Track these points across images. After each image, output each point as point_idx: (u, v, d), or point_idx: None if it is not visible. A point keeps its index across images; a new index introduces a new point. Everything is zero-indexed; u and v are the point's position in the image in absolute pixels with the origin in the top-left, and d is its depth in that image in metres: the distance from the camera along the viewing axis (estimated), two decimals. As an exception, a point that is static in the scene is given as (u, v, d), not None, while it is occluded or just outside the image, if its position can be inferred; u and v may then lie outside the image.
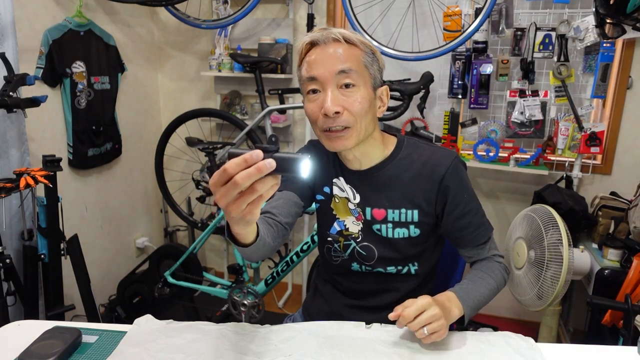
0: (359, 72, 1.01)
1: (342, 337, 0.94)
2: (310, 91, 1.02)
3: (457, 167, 1.09)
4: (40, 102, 1.80)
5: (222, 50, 2.68)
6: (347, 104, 0.99)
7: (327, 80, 0.99)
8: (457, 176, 1.08)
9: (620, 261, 1.96)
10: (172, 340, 0.92)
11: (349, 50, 1.01)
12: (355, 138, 1.02)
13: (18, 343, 0.89)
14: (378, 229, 1.13)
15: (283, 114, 2.64)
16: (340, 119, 0.99)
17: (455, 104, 2.47)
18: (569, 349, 0.95)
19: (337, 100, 0.99)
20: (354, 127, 1.01)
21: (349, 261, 1.19)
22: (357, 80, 1.00)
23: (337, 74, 0.99)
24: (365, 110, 1.01)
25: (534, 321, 2.51)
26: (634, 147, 2.29)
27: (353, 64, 1.00)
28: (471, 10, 2.33)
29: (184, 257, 2.36)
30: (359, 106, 1.00)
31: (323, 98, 1.00)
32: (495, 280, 1.10)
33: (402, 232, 1.12)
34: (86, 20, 2.29)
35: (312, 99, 1.03)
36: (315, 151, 1.20)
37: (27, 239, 1.87)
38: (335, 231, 1.19)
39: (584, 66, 2.24)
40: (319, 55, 1.01)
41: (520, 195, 2.52)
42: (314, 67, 1.01)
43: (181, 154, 2.94)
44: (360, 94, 1.00)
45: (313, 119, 1.04)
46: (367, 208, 1.13)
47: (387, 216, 1.12)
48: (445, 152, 1.10)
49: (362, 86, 1.01)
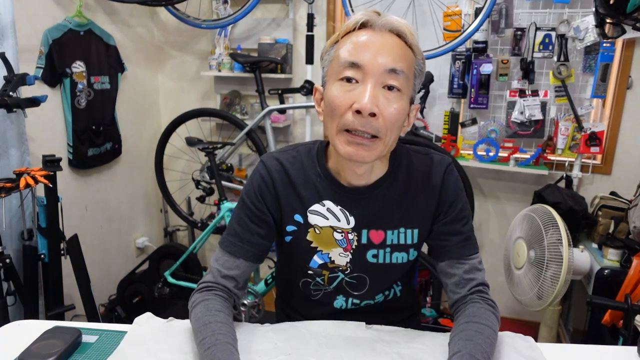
0: (408, 78, 0.86)
1: (342, 336, 0.94)
2: (345, 78, 0.85)
3: (453, 173, 0.99)
4: (40, 102, 1.80)
5: (222, 50, 2.68)
6: (384, 108, 0.83)
7: (372, 72, 0.83)
8: (452, 182, 0.98)
9: (620, 261, 1.96)
10: (172, 339, 0.92)
11: (405, 49, 0.87)
12: (379, 152, 0.87)
13: (18, 343, 0.89)
14: (374, 255, 0.99)
15: (283, 113, 2.64)
16: (372, 123, 0.83)
17: (455, 103, 2.47)
18: (568, 348, 0.95)
19: (376, 99, 0.83)
20: (383, 138, 0.85)
21: (333, 294, 1.03)
22: (403, 85, 0.85)
23: (387, 70, 0.83)
24: (399, 123, 0.87)
25: (534, 321, 2.51)
26: (634, 147, 2.29)
27: (406, 66, 0.85)
28: (471, 10, 2.33)
29: (184, 257, 2.36)
30: (396, 116, 0.85)
31: (360, 92, 0.83)
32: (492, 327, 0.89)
33: (400, 256, 1.00)
34: (86, 20, 2.29)
35: (345, 87, 0.85)
36: (299, 162, 0.98)
37: (27, 239, 1.86)
38: (317, 265, 1.00)
39: (583, 66, 2.24)
40: (372, 39, 0.84)
41: (520, 195, 2.52)
42: (362, 51, 0.83)
43: (181, 154, 2.94)
44: (400, 103, 0.85)
45: (338, 111, 0.85)
46: (364, 230, 0.97)
47: (385, 239, 0.98)
48: (440, 158, 1.00)
49: (405, 95, 0.87)
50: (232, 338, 0.85)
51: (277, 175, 0.97)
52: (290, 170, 0.97)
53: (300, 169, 0.98)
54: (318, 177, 0.97)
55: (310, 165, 0.98)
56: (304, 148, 1.01)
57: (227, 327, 0.87)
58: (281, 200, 0.97)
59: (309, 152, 1.00)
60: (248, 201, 0.98)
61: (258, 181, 0.98)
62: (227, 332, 0.85)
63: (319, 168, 0.97)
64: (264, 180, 0.97)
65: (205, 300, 0.92)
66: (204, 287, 0.96)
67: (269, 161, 0.98)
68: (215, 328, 0.85)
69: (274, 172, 0.97)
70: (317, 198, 0.97)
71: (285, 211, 0.98)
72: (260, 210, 0.97)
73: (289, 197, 0.97)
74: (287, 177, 0.97)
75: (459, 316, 0.93)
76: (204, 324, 0.86)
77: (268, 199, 0.97)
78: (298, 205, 0.98)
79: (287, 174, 0.97)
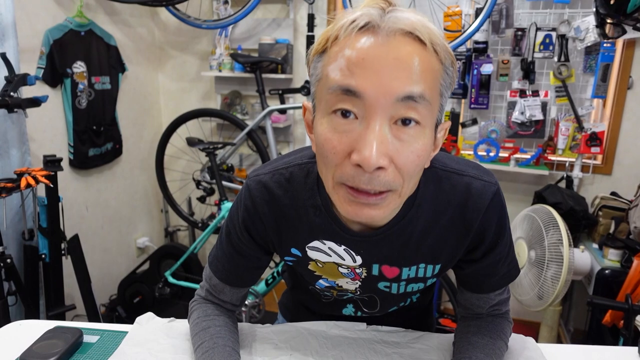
0: (432, 102, 0.60)
1: (342, 337, 0.94)
2: (339, 111, 0.59)
3: (497, 207, 0.75)
4: (41, 102, 1.80)
5: (222, 51, 2.68)
6: (398, 154, 0.59)
7: (379, 105, 0.57)
8: (496, 216, 0.75)
9: (621, 261, 1.96)
10: (174, 340, 0.92)
11: (427, 59, 0.59)
12: (396, 206, 0.65)
13: (19, 343, 0.89)
14: (386, 286, 0.83)
15: (283, 114, 2.64)
16: (380, 177, 0.59)
17: (456, 104, 2.47)
18: (569, 349, 0.95)
19: (385, 145, 0.58)
20: (398, 191, 0.62)
21: (344, 302, 0.93)
22: (424, 115, 0.59)
23: (400, 99, 0.57)
24: (420, 168, 0.63)
25: (534, 321, 2.51)
26: (635, 147, 2.29)
27: (428, 85, 0.58)
28: (471, 10, 2.33)
29: (185, 257, 2.37)
30: (416, 162, 0.60)
31: (361, 135, 0.58)
32: (505, 341, 0.83)
33: (417, 286, 0.84)
34: (87, 21, 2.29)
35: (339, 125, 0.59)
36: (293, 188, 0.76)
37: (28, 239, 1.87)
38: (324, 286, 0.87)
39: (584, 66, 2.24)
40: (375, 52, 0.57)
41: (521, 195, 2.52)
42: (360, 71, 0.57)
43: (182, 154, 2.94)
44: (422, 142, 0.60)
45: (330, 161, 0.61)
46: (375, 265, 0.79)
47: (401, 274, 0.80)
48: (484, 186, 0.74)
49: (428, 127, 0.61)
50: (233, 341, 0.83)
51: (265, 208, 0.77)
52: (282, 200, 0.77)
53: (293, 199, 0.76)
54: (317, 210, 0.75)
55: (306, 195, 0.76)
56: (299, 170, 0.76)
57: (227, 330, 0.84)
58: (271, 235, 0.80)
59: (306, 177, 0.76)
60: (232, 232, 0.82)
61: (242, 213, 0.79)
62: (226, 335, 0.82)
63: (319, 199, 0.75)
64: (249, 214, 0.78)
65: (203, 306, 0.90)
66: (199, 299, 0.94)
67: (255, 190, 0.77)
68: (214, 332, 0.83)
69: (259, 205, 0.77)
70: (315, 235, 0.77)
71: (277, 245, 0.81)
72: (245, 245, 0.82)
73: (281, 234, 0.79)
74: (277, 209, 0.77)
75: (478, 322, 0.86)
76: (202, 329, 0.84)
77: (254, 233, 0.80)
78: (293, 240, 0.79)
79: (277, 205, 0.77)
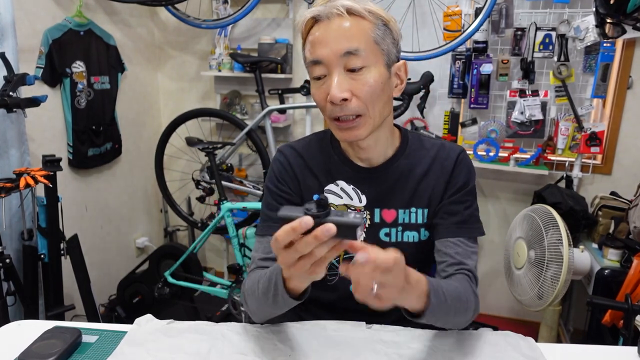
0: (369, 50, 0.87)
1: (342, 337, 0.94)
2: (315, 78, 0.91)
3: (466, 158, 1.02)
4: (40, 102, 1.80)
5: (222, 50, 2.68)
6: (355, 88, 0.87)
7: (332, 63, 0.87)
8: (465, 167, 1.01)
9: (621, 261, 1.96)
10: (172, 340, 0.92)
11: (356, 24, 0.87)
12: (370, 126, 0.91)
13: (18, 343, 0.89)
14: (387, 234, 1.02)
15: (283, 113, 2.64)
16: (349, 106, 0.88)
17: (456, 103, 2.47)
18: (569, 348, 0.95)
19: (343, 85, 0.87)
20: (366, 114, 0.89)
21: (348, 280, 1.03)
22: (366, 60, 0.87)
23: (343, 55, 0.86)
24: (377, 94, 0.89)
25: (534, 321, 2.51)
26: (634, 147, 2.29)
27: (361, 41, 0.86)
28: (471, 10, 2.33)
29: (184, 257, 2.36)
30: (370, 90, 0.88)
31: (328, 84, 0.88)
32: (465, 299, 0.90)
33: (412, 235, 1.02)
34: (86, 20, 2.29)
35: (318, 84, 0.91)
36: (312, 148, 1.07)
37: (27, 239, 1.86)
38: None
39: (584, 66, 2.24)
40: (322, 33, 0.88)
41: (521, 195, 2.52)
42: (317, 48, 0.88)
43: (181, 154, 2.94)
44: (371, 76, 0.88)
45: (321, 106, 0.93)
46: (376, 209, 1.01)
47: (397, 217, 1.01)
48: (453, 145, 1.04)
49: (373, 66, 0.88)
50: None
51: (294, 160, 1.05)
52: (306, 155, 1.05)
53: (314, 154, 1.05)
54: (332, 159, 1.04)
55: (324, 150, 1.05)
56: (316, 136, 1.09)
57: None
58: (300, 182, 1.05)
59: (323, 139, 1.07)
60: (272, 186, 1.05)
61: (278, 167, 1.06)
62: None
63: (332, 150, 1.04)
64: (283, 166, 1.05)
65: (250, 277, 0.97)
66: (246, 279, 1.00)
67: (285, 150, 1.07)
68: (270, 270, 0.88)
69: (290, 158, 1.05)
70: (331, 179, 1.03)
71: (305, 192, 1.05)
72: (284, 192, 1.04)
73: (306, 179, 1.04)
74: (303, 162, 1.05)
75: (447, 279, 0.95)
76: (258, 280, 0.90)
77: (289, 182, 1.05)
78: (315, 186, 1.04)
79: (302, 159, 1.05)
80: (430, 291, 0.80)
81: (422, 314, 0.80)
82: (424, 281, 0.79)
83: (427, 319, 0.82)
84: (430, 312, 0.80)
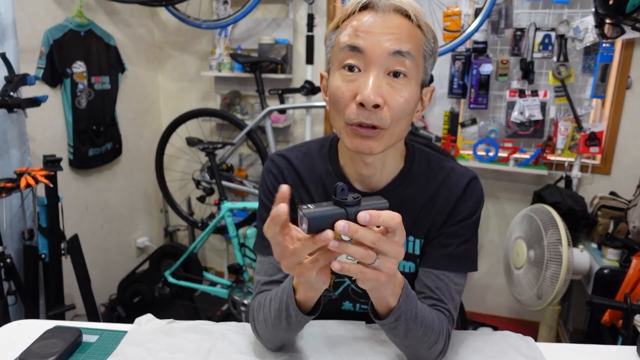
0: (416, 61, 0.78)
1: (342, 337, 0.94)
2: (347, 66, 0.78)
3: (476, 187, 0.91)
4: (40, 102, 1.81)
5: (222, 50, 2.68)
6: (390, 96, 0.76)
7: (376, 58, 0.75)
8: (474, 196, 0.90)
9: (620, 261, 1.97)
10: (172, 339, 0.92)
11: (413, 30, 0.78)
12: (386, 143, 0.80)
13: (19, 342, 0.89)
14: None
15: (283, 114, 2.64)
16: (378, 114, 0.76)
17: (455, 104, 2.48)
18: (568, 348, 0.95)
19: (380, 89, 0.75)
20: (388, 130, 0.78)
21: (339, 300, 0.97)
22: (410, 69, 0.77)
23: (391, 54, 0.75)
24: (407, 111, 0.79)
25: (533, 321, 2.51)
26: (634, 147, 2.30)
27: (413, 47, 0.77)
28: (471, 10, 2.33)
29: (184, 256, 2.37)
30: (404, 104, 0.77)
31: (363, 81, 0.75)
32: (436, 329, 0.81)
33: (408, 265, 0.92)
34: (87, 21, 2.30)
35: (347, 77, 0.78)
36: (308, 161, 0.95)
37: (28, 239, 1.87)
38: None
39: (583, 66, 2.25)
40: (375, 22, 0.76)
41: (520, 195, 2.52)
42: (363, 34, 0.76)
43: (181, 154, 2.94)
44: (408, 89, 0.78)
45: (342, 104, 0.78)
46: None
47: None
48: (465, 171, 0.92)
49: (414, 79, 0.79)
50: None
51: (286, 171, 0.95)
52: (299, 167, 0.95)
53: (309, 166, 0.95)
54: (328, 175, 0.93)
55: (320, 163, 0.95)
56: (315, 144, 0.98)
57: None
58: (294, 197, 0.94)
59: (321, 149, 0.96)
60: (264, 199, 0.96)
61: (270, 179, 0.96)
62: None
63: (330, 165, 0.94)
64: (275, 177, 0.96)
65: (256, 300, 0.89)
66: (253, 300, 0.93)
67: (276, 159, 0.97)
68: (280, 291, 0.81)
69: (284, 170, 0.95)
70: (325, 197, 0.93)
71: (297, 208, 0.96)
72: None
73: (299, 193, 0.95)
74: (295, 174, 0.95)
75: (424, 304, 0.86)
76: (269, 304, 0.82)
77: None
78: (308, 202, 0.93)
79: (295, 171, 0.95)
80: (402, 295, 0.72)
81: (387, 316, 0.73)
82: (402, 280, 0.73)
83: (389, 326, 0.74)
84: (396, 317, 0.72)
